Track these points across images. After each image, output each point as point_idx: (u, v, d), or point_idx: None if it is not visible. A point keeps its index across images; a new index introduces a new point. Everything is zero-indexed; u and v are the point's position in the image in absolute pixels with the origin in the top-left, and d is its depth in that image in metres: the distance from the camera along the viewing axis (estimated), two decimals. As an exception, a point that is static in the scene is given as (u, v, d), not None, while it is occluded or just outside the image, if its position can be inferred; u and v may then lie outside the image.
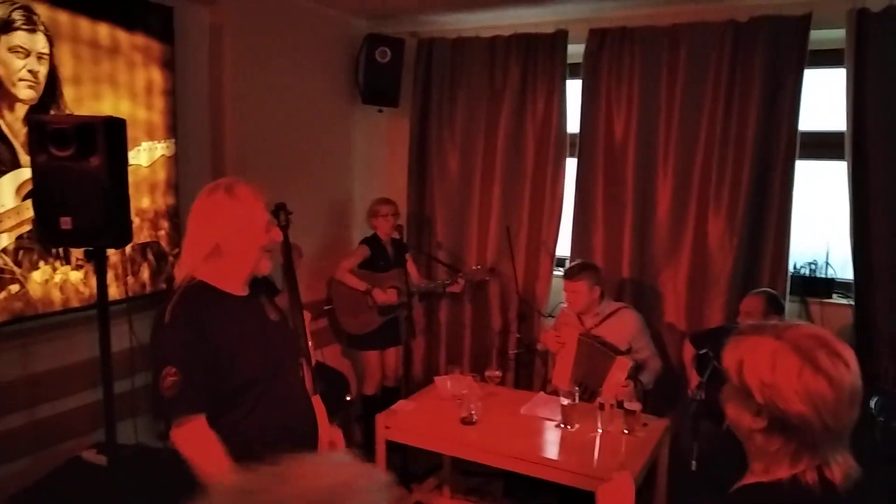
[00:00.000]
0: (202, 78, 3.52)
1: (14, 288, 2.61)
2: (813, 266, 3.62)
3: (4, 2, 2.48)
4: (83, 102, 2.81)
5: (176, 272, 1.79)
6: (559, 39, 3.90)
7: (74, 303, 2.84)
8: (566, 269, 3.45)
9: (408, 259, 4.02)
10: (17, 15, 2.54)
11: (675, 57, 3.63)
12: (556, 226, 4.04)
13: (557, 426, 2.86)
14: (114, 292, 2.93)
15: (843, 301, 3.49)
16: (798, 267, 3.62)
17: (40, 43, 2.62)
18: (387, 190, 4.47)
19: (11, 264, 2.60)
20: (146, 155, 3.11)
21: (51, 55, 2.67)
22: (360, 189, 4.63)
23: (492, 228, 4.22)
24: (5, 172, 2.56)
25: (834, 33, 3.31)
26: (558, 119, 3.97)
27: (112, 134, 2.37)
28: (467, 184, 4.30)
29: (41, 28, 2.62)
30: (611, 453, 2.64)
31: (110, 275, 2.90)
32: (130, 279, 3.06)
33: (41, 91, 2.65)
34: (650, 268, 3.84)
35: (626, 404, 2.78)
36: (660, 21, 3.66)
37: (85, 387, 2.91)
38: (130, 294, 3.02)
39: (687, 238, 3.71)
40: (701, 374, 2.98)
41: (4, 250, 2.58)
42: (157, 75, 3.15)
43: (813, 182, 3.61)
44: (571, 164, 3.99)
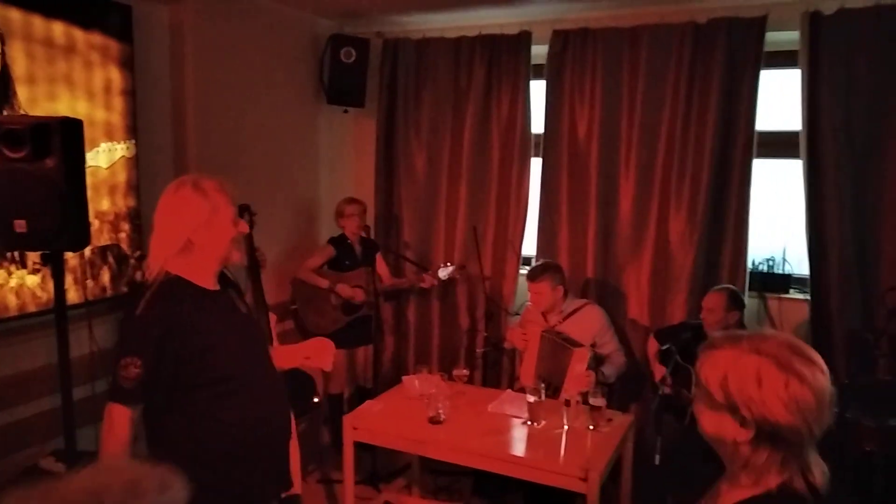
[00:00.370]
0: (163, 78, 3.47)
1: (-33, 293, 2.55)
2: (771, 262, 3.71)
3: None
4: (38, 103, 2.75)
5: (147, 268, 1.80)
6: (523, 40, 3.94)
7: (31, 307, 2.78)
8: (529, 271, 3.49)
9: (378, 258, 4.01)
10: (-33, 13, 2.48)
11: (637, 57, 3.69)
12: (522, 225, 4.07)
13: (524, 423, 2.89)
14: (73, 296, 2.87)
15: (800, 296, 3.58)
16: (756, 263, 3.71)
17: (-9, 41, 2.56)
18: (354, 190, 4.46)
19: (-36, 269, 2.54)
20: (105, 156, 3.06)
21: (2, 54, 2.60)
22: (327, 189, 4.60)
23: (459, 228, 4.24)
24: (-43, 175, 2.49)
25: (789, 35, 3.40)
26: (523, 119, 4.01)
27: (68, 135, 2.33)
28: (434, 184, 4.31)
29: (-7, 26, 2.56)
30: (576, 449, 2.67)
31: (69, 279, 2.84)
32: (90, 283, 3.00)
33: (-7, 91, 2.59)
34: (614, 265, 3.90)
35: (591, 400, 2.81)
36: (622, 22, 3.72)
37: (43, 393, 2.85)
38: (90, 298, 2.97)
39: (649, 235, 3.77)
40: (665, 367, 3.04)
41: (-44, 255, 2.51)
42: (116, 75, 3.10)
43: (770, 180, 3.70)
44: (536, 164, 4.03)
